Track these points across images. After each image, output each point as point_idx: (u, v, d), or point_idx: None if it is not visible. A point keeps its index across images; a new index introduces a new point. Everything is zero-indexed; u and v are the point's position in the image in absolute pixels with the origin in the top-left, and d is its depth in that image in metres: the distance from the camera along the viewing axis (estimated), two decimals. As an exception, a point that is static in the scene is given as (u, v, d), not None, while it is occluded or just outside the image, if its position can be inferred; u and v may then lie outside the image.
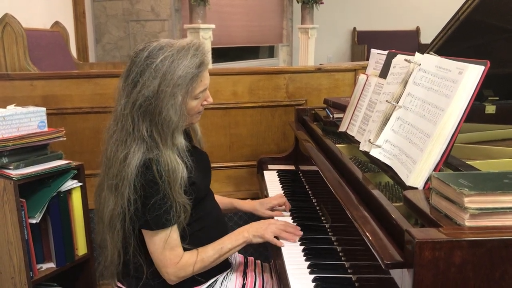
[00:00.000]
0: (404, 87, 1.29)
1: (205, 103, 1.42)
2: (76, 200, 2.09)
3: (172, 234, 1.34)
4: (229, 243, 1.40)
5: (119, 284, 1.46)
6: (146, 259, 1.38)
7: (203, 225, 1.46)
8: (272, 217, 1.68)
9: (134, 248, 1.36)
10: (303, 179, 2.05)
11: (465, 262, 0.79)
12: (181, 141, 1.34)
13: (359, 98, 1.69)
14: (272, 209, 1.71)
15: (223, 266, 1.49)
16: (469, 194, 0.83)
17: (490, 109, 2.03)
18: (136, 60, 1.30)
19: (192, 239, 1.39)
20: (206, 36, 4.82)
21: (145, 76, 1.27)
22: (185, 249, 1.38)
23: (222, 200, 1.72)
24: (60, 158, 2.08)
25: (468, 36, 1.79)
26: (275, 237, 1.44)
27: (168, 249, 1.33)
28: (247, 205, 1.75)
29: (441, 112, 1.08)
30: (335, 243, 1.45)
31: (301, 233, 1.47)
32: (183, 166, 1.32)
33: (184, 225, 1.36)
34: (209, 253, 1.38)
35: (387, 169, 1.24)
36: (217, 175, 1.61)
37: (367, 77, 1.69)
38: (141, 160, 1.28)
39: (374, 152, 1.30)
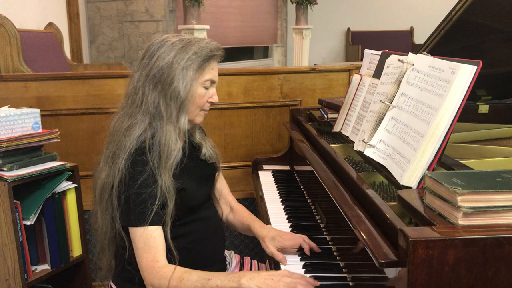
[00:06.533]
0: (398, 87, 1.29)
1: (210, 100, 1.41)
2: (71, 202, 2.09)
3: (152, 234, 1.28)
4: (219, 280, 1.21)
5: (112, 285, 1.46)
6: None
7: (195, 238, 1.41)
8: (273, 257, 1.40)
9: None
10: (297, 179, 2.06)
11: (458, 260, 0.80)
12: (184, 122, 1.36)
13: (353, 98, 1.70)
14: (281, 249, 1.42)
15: (219, 267, 1.49)
16: (462, 193, 0.83)
17: (483, 108, 2.04)
18: (153, 43, 1.37)
19: (182, 251, 1.33)
20: (200, 37, 4.82)
21: (161, 50, 1.34)
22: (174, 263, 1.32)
23: (243, 219, 1.58)
24: (55, 160, 2.07)
25: (461, 36, 1.80)
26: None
27: (145, 250, 1.28)
28: (259, 231, 1.48)
29: (434, 111, 1.09)
30: (330, 243, 1.45)
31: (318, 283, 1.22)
32: (179, 149, 1.34)
33: (168, 230, 1.30)
34: (193, 277, 1.23)
35: (381, 169, 1.25)
36: (212, 176, 1.63)
37: (361, 77, 1.70)
38: (141, 135, 1.30)
39: (368, 152, 1.31)
